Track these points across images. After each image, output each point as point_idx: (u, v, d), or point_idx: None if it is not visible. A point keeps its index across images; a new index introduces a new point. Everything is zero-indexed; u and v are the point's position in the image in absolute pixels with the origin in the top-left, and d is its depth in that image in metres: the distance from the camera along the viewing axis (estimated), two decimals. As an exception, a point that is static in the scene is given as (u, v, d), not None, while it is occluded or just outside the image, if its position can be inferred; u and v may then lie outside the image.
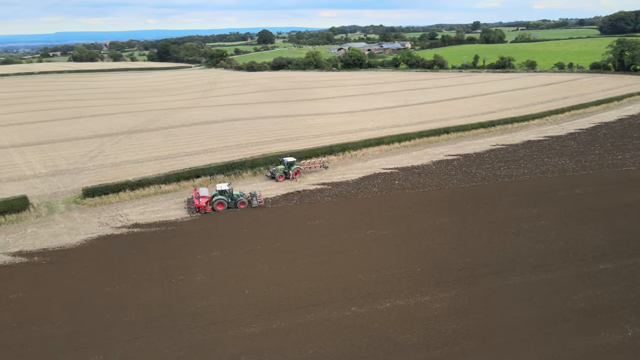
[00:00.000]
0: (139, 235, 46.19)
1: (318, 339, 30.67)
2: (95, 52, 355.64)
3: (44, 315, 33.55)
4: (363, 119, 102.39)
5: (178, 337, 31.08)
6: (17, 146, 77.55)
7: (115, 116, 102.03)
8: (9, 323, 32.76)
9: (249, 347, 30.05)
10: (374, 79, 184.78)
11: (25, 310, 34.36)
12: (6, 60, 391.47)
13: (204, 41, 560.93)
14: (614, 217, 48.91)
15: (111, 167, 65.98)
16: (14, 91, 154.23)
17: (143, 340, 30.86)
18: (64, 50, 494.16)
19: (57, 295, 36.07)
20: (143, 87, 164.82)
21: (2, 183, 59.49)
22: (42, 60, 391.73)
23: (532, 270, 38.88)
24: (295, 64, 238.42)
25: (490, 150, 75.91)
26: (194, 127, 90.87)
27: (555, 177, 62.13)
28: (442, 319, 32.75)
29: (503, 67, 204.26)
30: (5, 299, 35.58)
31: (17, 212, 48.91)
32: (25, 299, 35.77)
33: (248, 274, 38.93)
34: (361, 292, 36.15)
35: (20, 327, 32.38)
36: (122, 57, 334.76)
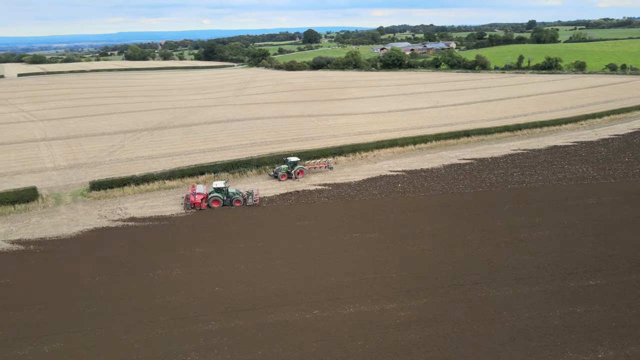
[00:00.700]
0: (132, 229, 47.83)
1: (269, 341, 30.64)
2: (147, 51, 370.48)
3: (23, 302, 35.40)
4: (387, 119, 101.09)
5: (137, 330, 31.93)
6: (48, 140, 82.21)
7: (145, 113, 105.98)
8: None
9: (201, 345, 30.43)
10: (411, 79, 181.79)
11: (8, 296, 36.38)
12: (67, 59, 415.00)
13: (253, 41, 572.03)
14: (621, 230, 45.83)
15: (125, 162, 68.64)
16: (62, 88, 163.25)
17: (104, 331, 31.92)
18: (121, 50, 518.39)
19: (41, 283, 37.97)
20: (181, 85, 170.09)
21: (23, 174, 63.25)
22: (100, 59, 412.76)
23: (512, 282, 37.09)
24: (335, 64, 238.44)
25: (509, 155, 72.91)
26: (215, 124, 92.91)
27: (570, 185, 58.89)
28: (402, 327, 31.87)
29: (549, 68, 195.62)
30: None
31: (26, 202, 51.89)
32: (12, 285, 37.88)
33: (223, 271, 39.42)
34: (329, 295, 35.77)
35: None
36: (171, 56, 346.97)
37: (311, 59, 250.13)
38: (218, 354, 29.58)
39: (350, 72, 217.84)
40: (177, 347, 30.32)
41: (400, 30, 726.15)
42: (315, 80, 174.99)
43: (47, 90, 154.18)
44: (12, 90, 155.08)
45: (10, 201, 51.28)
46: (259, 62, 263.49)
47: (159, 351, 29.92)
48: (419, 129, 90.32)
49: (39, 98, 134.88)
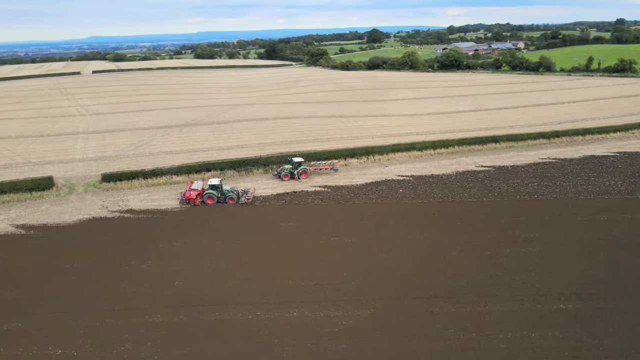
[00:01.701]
0: (125, 220, 50.46)
1: (202, 339, 31.24)
2: (215, 50, 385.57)
3: (3, 283, 38.58)
4: (420, 122, 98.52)
5: (89, 317, 33.70)
6: (87, 133, 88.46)
7: (184, 110, 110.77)
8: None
9: (139, 336, 31.62)
10: (463, 81, 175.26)
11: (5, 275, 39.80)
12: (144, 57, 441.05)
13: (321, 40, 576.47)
14: (624, 252, 41.83)
15: (147, 157, 72.31)
16: (123, 84, 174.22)
17: (60, 315, 34.06)
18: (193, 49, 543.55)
19: (26, 266, 41.13)
20: (232, 83, 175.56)
21: (52, 164, 68.60)
22: (173, 57, 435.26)
23: (474, 299, 35.10)
24: (391, 64, 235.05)
25: (534, 164, 68.49)
26: (243, 122, 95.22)
27: (588, 199, 54.41)
28: (337, 336, 31.27)
29: (622, 71, 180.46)
30: (-14, 263, 41.59)
31: (42, 190, 56.33)
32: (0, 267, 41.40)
33: (190, 266, 40.58)
34: (279, 298, 35.79)
35: None
36: (236, 55, 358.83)
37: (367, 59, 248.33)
38: (150, 347, 30.62)
39: (404, 73, 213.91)
40: (118, 336, 31.71)
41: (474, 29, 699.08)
42: (363, 80, 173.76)
43: (109, 86, 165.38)
44: (80, 86, 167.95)
45: (28, 188, 55.91)
46: (316, 62, 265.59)
47: (99, 339, 31.44)
48: (449, 133, 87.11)
49: (99, 94, 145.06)
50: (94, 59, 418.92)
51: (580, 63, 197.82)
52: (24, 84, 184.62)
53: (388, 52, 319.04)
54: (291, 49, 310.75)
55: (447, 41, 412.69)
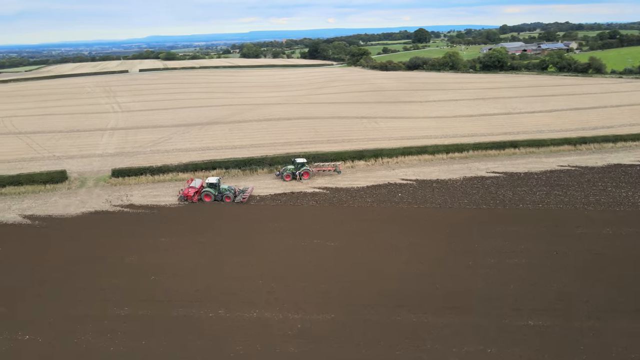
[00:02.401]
0: (124, 215, 52.57)
1: (160, 333, 32.17)
2: (260, 49, 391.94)
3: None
4: (443, 125, 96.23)
5: (61, 306, 35.49)
6: (114, 129, 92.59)
7: (210, 108, 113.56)
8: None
9: (102, 327, 32.95)
10: (504, 82, 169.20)
11: None
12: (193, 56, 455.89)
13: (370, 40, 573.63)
14: (618, 269, 39.41)
15: (162, 153, 74.84)
16: (163, 82, 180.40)
17: (38, 303, 36.01)
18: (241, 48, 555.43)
19: (20, 253, 43.77)
20: (266, 82, 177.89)
21: (73, 159, 72.37)
22: (221, 56, 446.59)
23: (439, 310, 34.18)
24: (431, 65, 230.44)
25: (550, 172, 65.39)
26: (263, 122, 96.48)
27: (597, 210, 51.45)
28: (288, 340, 31.35)
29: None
30: (-12, 251, 44.60)
31: (55, 183, 59.61)
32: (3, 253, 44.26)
33: (170, 262, 41.77)
34: (245, 297, 36.26)
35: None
36: (280, 55, 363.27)
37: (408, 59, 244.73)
38: (109, 338, 31.87)
39: (442, 74, 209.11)
40: (83, 326, 33.21)
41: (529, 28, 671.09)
42: (397, 81, 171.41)
43: (149, 84, 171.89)
44: (123, 84, 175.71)
45: (43, 181, 59.37)
46: (357, 62, 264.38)
47: (66, 327, 33.03)
48: (470, 137, 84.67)
49: (138, 91, 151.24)
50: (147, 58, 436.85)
51: (633, 65, 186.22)
52: (75, 81, 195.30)
53: (432, 52, 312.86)
54: (334, 49, 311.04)
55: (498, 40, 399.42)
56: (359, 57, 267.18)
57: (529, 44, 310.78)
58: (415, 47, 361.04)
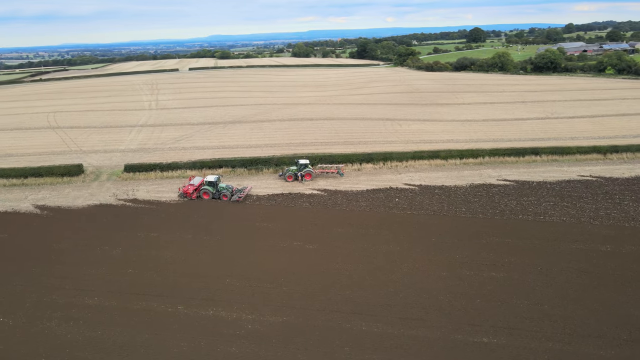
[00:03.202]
0: (125, 209, 55.11)
1: (117, 324, 33.61)
2: (310, 49, 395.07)
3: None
4: (470, 129, 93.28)
5: (40, 292, 37.83)
6: (144, 126, 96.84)
7: (238, 107, 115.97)
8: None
9: (68, 315, 34.87)
10: (552, 85, 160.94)
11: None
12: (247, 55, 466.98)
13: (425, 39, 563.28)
14: (601, 289, 36.85)
15: (179, 150, 77.58)
16: (206, 81, 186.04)
17: (21, 288, 38.63)
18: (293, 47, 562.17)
19: (21, 240, 47.03)
20: (308, 82, 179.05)
21: (97, 153, 76.57)
22: (273, 55, 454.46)
23: (393, 320, 33.57)
24: (479, 66, 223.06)
25: (567, 182, 61.83)
26: (286, 122, 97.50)
27: (603, 225, 48.24)
28: (234, 339, 31.90)
29: None
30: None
31: (71, 176, 63.37)
32: (3, 239, 47.76)
33: (151, 256, 43.46)
34: (207, 295, 37.13)
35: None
36: (329, 54, 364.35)
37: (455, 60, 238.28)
38: (71, 325, 33.73)
39: (489, 75, 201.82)
40: (52, 312, 35.31)
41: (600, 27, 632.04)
42: (438, 82, 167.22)
43: (193, 83, 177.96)
44: (170, 82, 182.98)
45: (60, 174, 63.32)
46: (403, 62, 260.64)
47: (36, 313, 35.24)
48: (496, 142, 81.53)
49: (181, 90, 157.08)
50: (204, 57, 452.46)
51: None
52: (127, 79, 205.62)
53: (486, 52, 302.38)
54: (382, 49, 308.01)
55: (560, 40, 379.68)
56: (405, 58, 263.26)
57: (591, 44, 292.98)
58: (468, 47, 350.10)
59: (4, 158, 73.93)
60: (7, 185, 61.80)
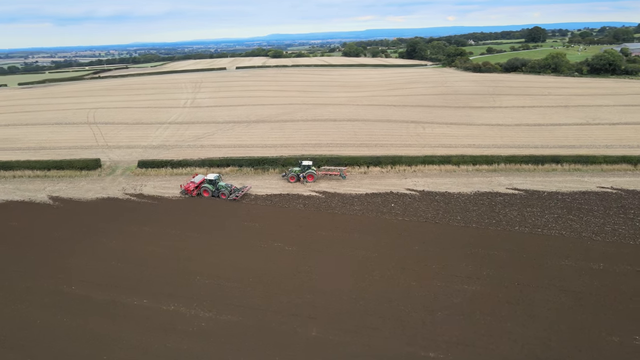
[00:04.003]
0: (128, 203, 57.71)
1: (80, 314, 35.47)
2: (359, 48, 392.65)
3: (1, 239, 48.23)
4: (498, 134, 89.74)
5: (29, 279, 40.55)
6: (173, 123, 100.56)
7: (267, 106, 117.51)
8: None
9: (40, 301, 37.24)
10: (605, 88, 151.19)
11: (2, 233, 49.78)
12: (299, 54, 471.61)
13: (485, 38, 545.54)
14: (571, 312, 34.61)
15: (196, 148, 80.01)
16: (247, 80, 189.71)
17: (15, 274, 41.52)
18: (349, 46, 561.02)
19: (29, 228, 50.48)
20: (347, 82, 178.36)
21: (120, 148, 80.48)
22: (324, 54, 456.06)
23: (345, 329, 33.39)
24: (530, 67, 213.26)
25: (582, 193, 58.24)
26: (308, 122, 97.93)
27: (605, 242, 45.20)
28: (185, 336, 32.84)
29: None
30: (7, 224, 52.12)
31: (89, 170, 67.07)
32: (14, 227, 51.44)
33: (135, 249, 45.43)
34: (173, 290, 38.32)
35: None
36: (378, 54, 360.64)
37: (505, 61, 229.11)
38: (37, 309, 36.11)
39: (538, 77, 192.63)
40: (27, 297, 37.89)
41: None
42: (479, 84, 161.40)
43: (235, 82, 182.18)
44: (213, 81, 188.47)
45: (79, 167, 67.23)
46: (451, 62, 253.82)
47: (16, 297, 37.84)
48: (521, 148, 78.03)
49: (220, 88, 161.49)
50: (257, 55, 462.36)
51: None
52: (176, 77, 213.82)
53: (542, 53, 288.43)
54: (432, 49, 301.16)
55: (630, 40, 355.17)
56: (454, 58, 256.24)
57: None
58: (525, 47, 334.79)
59: (37, 151, 79.42)
60: (31, 177, 66.41)
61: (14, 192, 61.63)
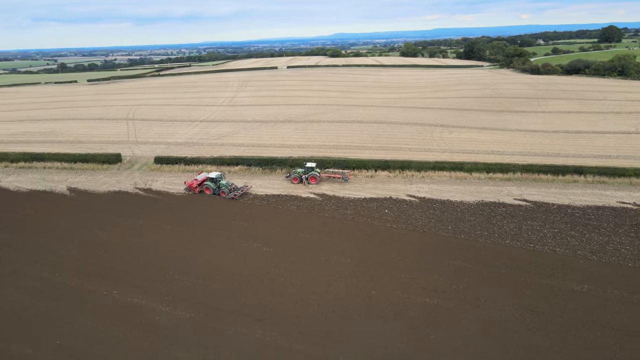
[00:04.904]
0: (135, 197, 60.64)
1: (52, 299, 37.95)
2: (417, 48, 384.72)
3: (8, 225, 52.33)
4: (530, 141, 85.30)
5: (18, 262, 43.84)
6: (203, 121, 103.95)
7: (300, 106, 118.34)
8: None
9: (24, 285, 40.11)
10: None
11: (14, 219, 54.10)
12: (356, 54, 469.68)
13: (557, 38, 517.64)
14: (530, 334, 32.50)
15: (216, 146, 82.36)
16: (294, 79, 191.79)
17: (12, 256, 45.14)
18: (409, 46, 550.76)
19: (39, 216, 54.51)
20: (391, 83, 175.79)
21: (146, 144, 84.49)
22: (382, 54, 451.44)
23: (288, 333, 33.37)
24: (594, 69, 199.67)
25: (597, 207, 54.22)
26: (333, 124, 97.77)
27: (600, 262, 42.08)
28: (134, 327, 34.26)
29: None
30: (22, 211, 56.54)
31: (110, 164, 71.12)
32: (28, 214, 55.73)
33: (125, 242, 47.77)
34: (141, 283, 40.05)
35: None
36: (435, 54, 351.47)
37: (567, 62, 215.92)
38: (19, 293, 38.82)
39: (602, 80, 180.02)
40: (15, 280, 40.88)
41: None
42: (530, 86, 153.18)
43: (279, 81, 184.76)
44: (259, 80, 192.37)
45: (102, 161, 71.47)
46: (509, 63, 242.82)
47: (3, 280, 41.07)
48: (551, 157, 73.89)
49: (263, 87, 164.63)
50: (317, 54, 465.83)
51: None
52: (227, 75, 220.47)
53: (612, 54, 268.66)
54: (491, 49, 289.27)
55: None
56: (512, 59, 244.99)
57: None
58: (596, 47, 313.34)
59: (73, 144, 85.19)
60: (59, 168, 71.50)
61: (40, 182, 66.64)
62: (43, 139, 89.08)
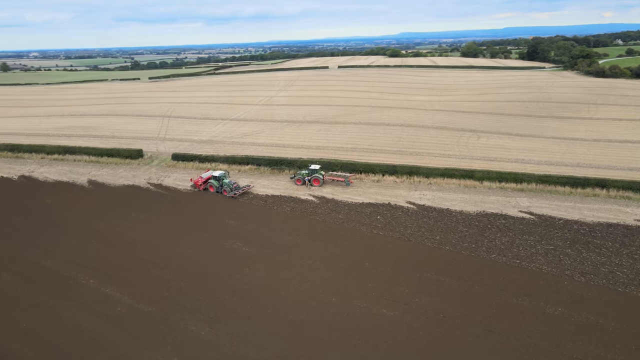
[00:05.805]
0: (145, 191, 63.54)
1: (38, 285, 40.75)
2: (479, 48, 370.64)
3: (22, 212, 56.62)
4: (563, 149, 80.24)
5: (15, 249, 47.40)
6: (233, 120, 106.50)
7: (332, 107, 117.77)
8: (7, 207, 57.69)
9: (13, 270, 43.28)
10: None
11: (33, 207, 58.48)
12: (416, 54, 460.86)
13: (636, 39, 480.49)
14: (480, 353, 30.86)
15: (237, 144, 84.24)
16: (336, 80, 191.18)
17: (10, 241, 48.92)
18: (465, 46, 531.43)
19: (54, 206, 58.61)
20: (438, 85, 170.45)
21: (172, 141, 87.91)
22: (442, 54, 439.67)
23: (234, 333, 33.87)
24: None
25: (609, 225, 50.34)
26: (358, 126, 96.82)
27: (586, 284, 39.24)
28: (93, 316, 36.10)
29: None
30: (42, 200, 61.02)
31: (132, 159, 74.92)
32: (46, 204, 60.04)
33: (119, 233, 50.36)
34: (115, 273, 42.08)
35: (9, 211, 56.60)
36: (497, 55, 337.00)
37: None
38: (14, 280, 42.04)
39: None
40: (7, 264, 44.21)
41: None
42: (586, 90, 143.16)
43: (324, 81, 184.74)
44: (305, 79, 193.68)
45: (124, 156, 75.49)
46: (574, 65, 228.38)
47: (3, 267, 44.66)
48: (580, 167, 69.18)
49: (305, 87, 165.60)
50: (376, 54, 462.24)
51: None
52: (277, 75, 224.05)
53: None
54: (556, 50, 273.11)
55: None
56: (577, 60, 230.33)
57: None
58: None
59: (108, 139, 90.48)
60: (87, 161, 76.34)
61: (66, 173, 71.54)
62: (83, 133, 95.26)
